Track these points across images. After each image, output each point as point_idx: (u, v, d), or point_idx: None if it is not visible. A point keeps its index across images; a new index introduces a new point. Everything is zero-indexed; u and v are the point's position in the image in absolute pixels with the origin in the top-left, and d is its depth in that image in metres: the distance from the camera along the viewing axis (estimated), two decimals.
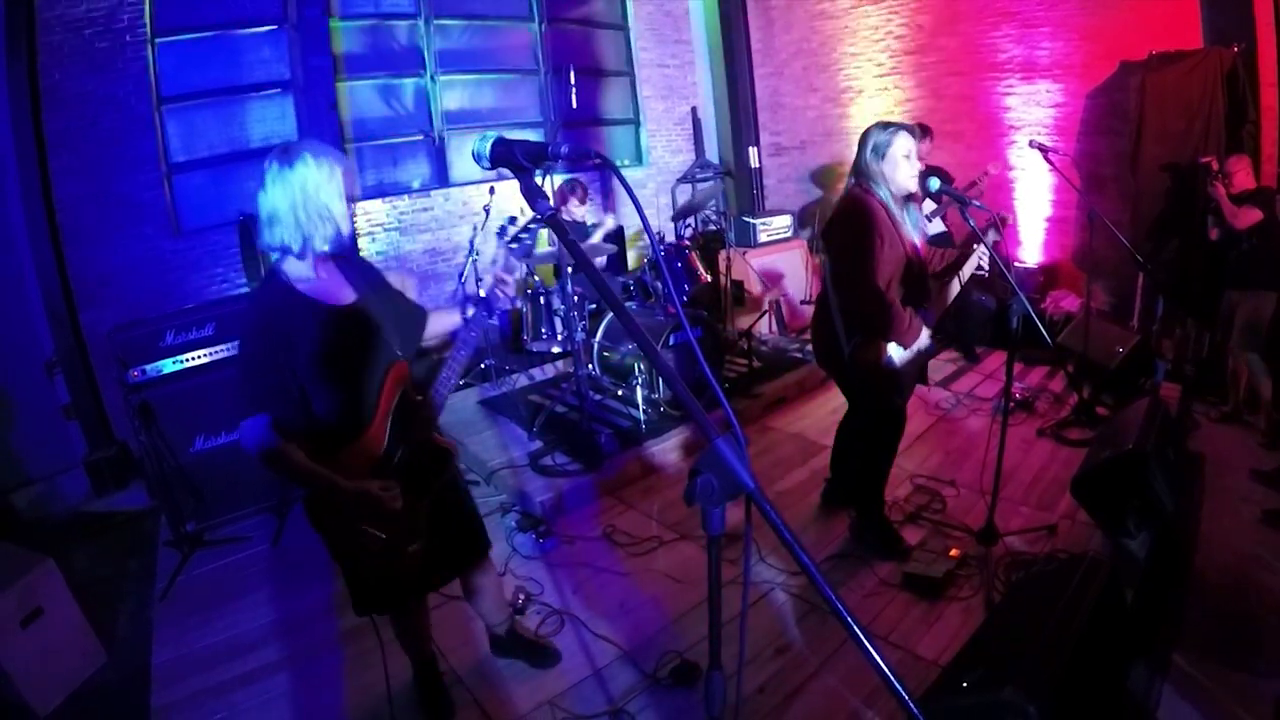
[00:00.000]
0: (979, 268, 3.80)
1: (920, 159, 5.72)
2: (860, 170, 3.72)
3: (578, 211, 7.09)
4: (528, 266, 5.74)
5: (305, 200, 2.39)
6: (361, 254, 7.73)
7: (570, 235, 1.53)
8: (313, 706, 3.45)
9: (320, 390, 2.49)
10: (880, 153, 3.63)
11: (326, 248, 2.49)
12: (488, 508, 5.03)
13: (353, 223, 2.46)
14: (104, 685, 3.77)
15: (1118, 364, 5.65)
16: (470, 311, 2.87)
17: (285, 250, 2.46)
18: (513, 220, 5.57)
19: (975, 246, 3.79)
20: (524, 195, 1.55)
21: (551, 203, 1.55)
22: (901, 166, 3.62)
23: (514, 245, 3.10)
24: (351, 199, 2.52)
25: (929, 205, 6.14)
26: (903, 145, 3.62)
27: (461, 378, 2.86)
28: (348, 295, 2.61)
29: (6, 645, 3.37)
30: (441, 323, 3.01)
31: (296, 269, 2.51)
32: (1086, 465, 4.20)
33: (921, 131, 6.17)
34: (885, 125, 3.68)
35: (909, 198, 3.77)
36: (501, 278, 2.85)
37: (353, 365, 2.55)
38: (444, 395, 2.79)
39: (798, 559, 1.11)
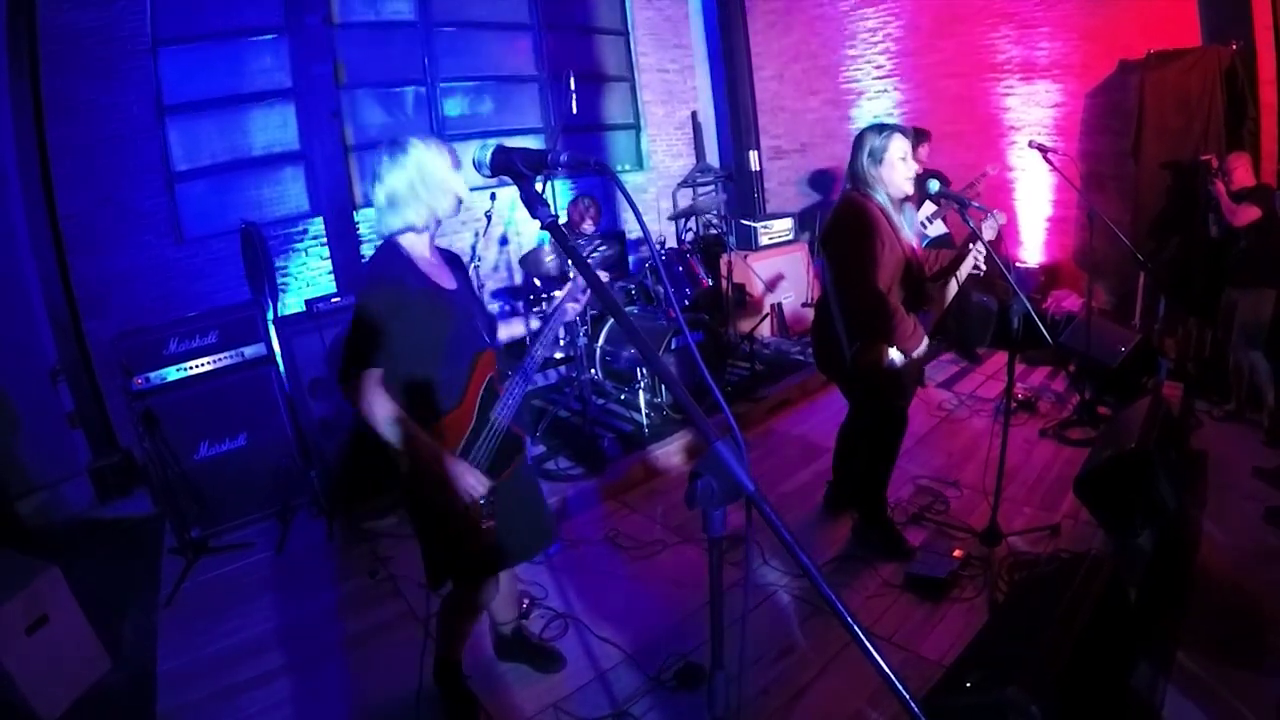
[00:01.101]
0: (975, 267, 3.79)
1: (920, 163, 5.73)
2: (856, 175, 3.72)
3: (589, 231, 7.14)
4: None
5: (424, 177, 2.59)
6: (364, 260, 7.75)
7: (570, 242, 1.54)
8: (317, 713, 3.45)
9: (423, 363, 2.62)
10: (877, 157, 3.64)
11: (439, 218, 2.69)
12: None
13: (353, 231, 2.59)
14: (109, 692, 3.76)
15: (1120, 363, 5.64)
16: (534, 323, 3.06)
17: (409, 229, 2.64)
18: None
19: (970, 246, 3.79)
20: (524, 202, 1.56)
21: (552, 211, 1.56)
22: (898, 169, 3.63)
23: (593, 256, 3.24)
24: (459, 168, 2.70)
25: (928, 208, 6.15)
26: (898, 148, 3.63)
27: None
28: (450, 281, 2.78)
29: (12, 652, 3.37)
30: (505, 333, 3.25)
31: (415, 246, 2.69)
32: (1089, 465, 4.20)
33: (920, 136, 6.18)
34: (880, 129, 3.69)
35: (904, 200, 3.77)
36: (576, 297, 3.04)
37: (453, 344, 2.69)
38: (535, 363, 2.95)
39: (797, 560, 1.11)
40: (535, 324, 3.11)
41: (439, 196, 2.63)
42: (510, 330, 3.26)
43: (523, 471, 3.08)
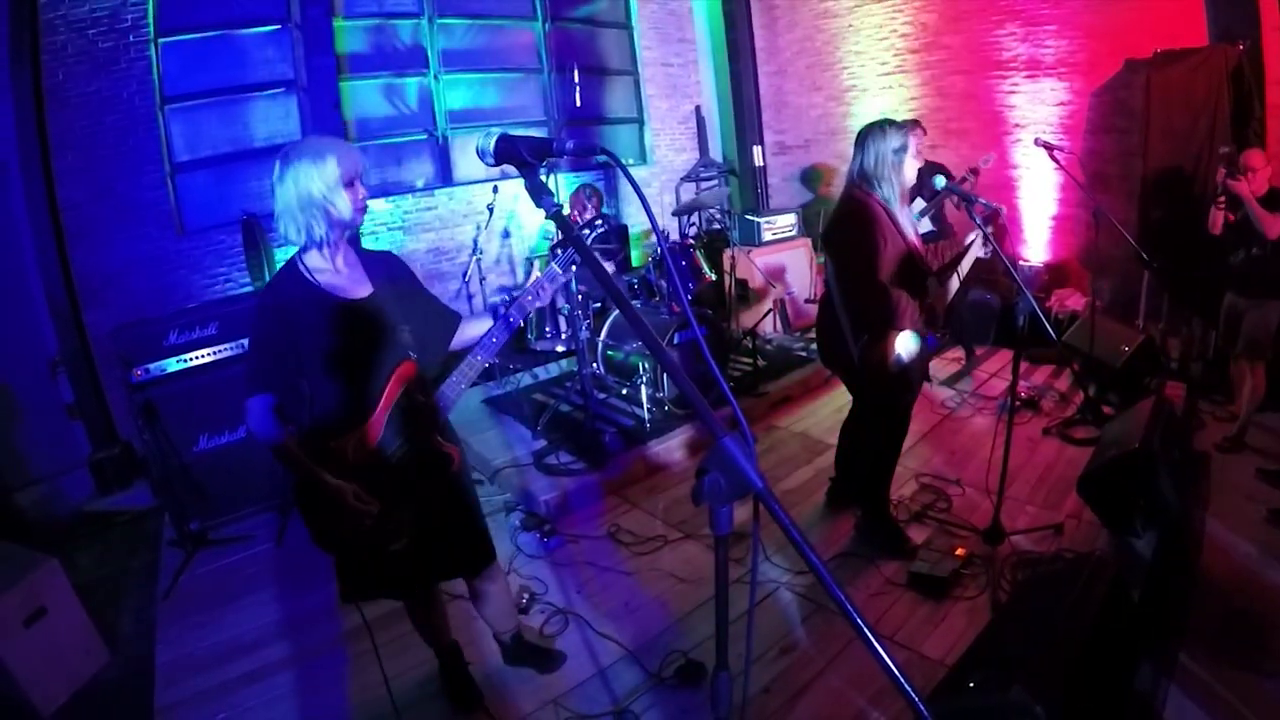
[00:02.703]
0: (984, 246, 3.77)
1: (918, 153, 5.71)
2: (864, 172, 3.70)
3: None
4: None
5: (300, 195, 2.44)
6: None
7: (576, 233, 1.52)
8: (316, 706, 3.45)
9: (319, 379, 2.54)
10: (879, 153, 3.63)
11: (325, 235, 2.52)
12: (492, 507, 5.04)
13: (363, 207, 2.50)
14: (107, 684, 3.76)
15: (1123, 362, 5.63)
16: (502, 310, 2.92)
17: (294, 243, 2.55)
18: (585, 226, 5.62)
19: (969, 239, 3.76)
20: (529, 192, 1.54)
21: (558, 201, 1.54)
22: (909, 166, 3.64)
23: (559, 253, 3.14)
24: (352, 182, 2.53)
25: (918, 204, 6.11)
26: (899, 142, 3.63)
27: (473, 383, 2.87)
28: (362, 290, 2.65)
29: (10, 644, 3.36)
30: (473, 329, 3.02)
31: (314, 261, 2.58)
32: (1092, 464, 4.18)
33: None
34: (881, 124, 3.67)
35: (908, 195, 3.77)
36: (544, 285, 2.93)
37: (354, 359, 2.57)
38: (451, 397, 2.81)
39: (805, 558, 1.10)
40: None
41: (312, 214, 2.47)
42: (479, 327, 3.01)
43: (452, 488, 2.93)
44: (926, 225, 6.16)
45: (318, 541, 2.70)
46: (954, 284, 3.85)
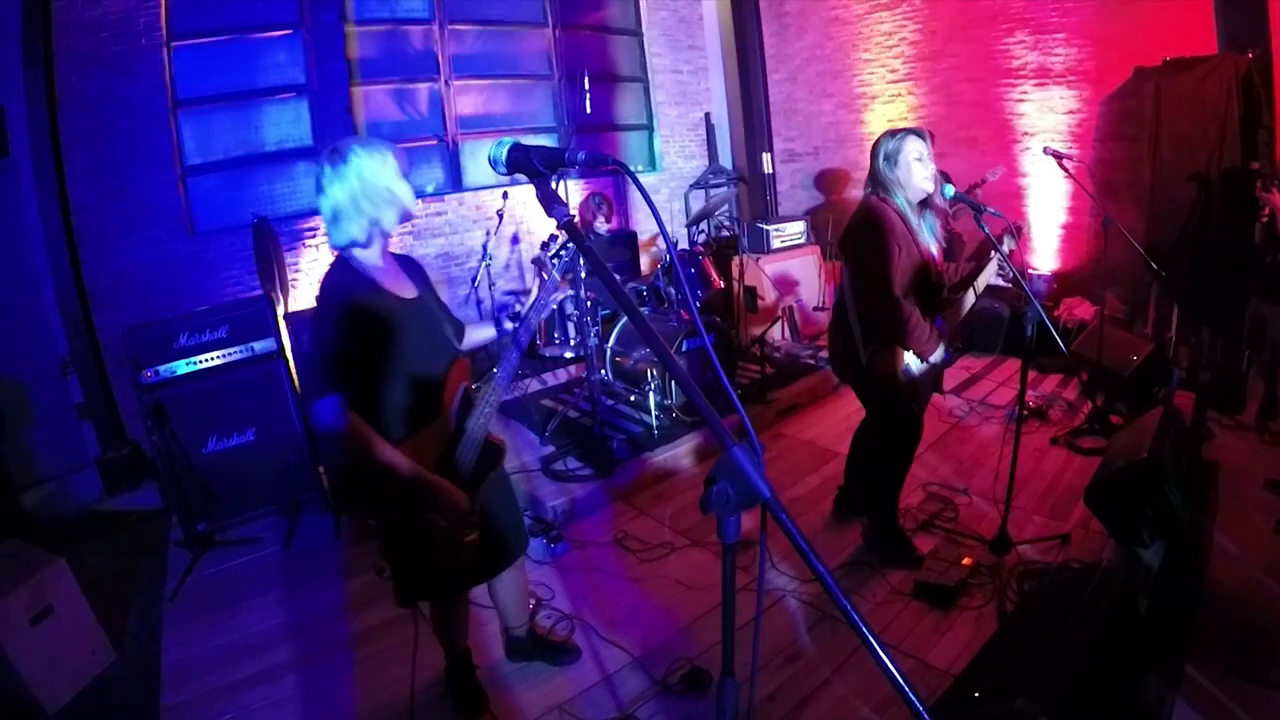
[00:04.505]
0: (1000, 273, 3.78)
1: None
2: (876, 179, 3.71)
3: (603, 229, 7.13)
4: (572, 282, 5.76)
5: (364, 187, 2.46)
6: None
7: (587, 242, 1.53)
8: (323, 708, 3.45)
9: (391, 378, 2.56)
10: (893, 160, 3.63)
11: (388, 228, 2.58)
12: None
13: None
14: (112, 684, 3.78)
15: (1132, 372, 5.61)
16: (508, 325, 3.01)
17: (354, 244, 2.54)
18: (553, 238, 5.61)
19: (992, 256, 3.77)
20: (540, 201, 1.55)
21: (570, 210, 1.55)
22: (915, 170, 3.62)
23: (555, 261, 3.15)
24: (404, 175, 2.58)
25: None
26: (913, 149, 3.61)
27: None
28: (410, 289, 2.70)
29: (16, 643, 3.38)
30: (476, 336, 3.14)
31: (367, 258, 2.58)
32: (1100, 474, 4.16)
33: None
34: (894, 132, 3.68)
35: (924, 204, 3.76)
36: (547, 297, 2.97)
37: (421, 355, 2.62)
38: (477, 437, 2.83)
39: (812, 568, 1.10)
40: (509, 325, 3.03)
41: (383, 208, 2.51)
42: (481, 334, 3.16)
43: (501, 479, 3.05)
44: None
45: (393, 543, 2.76)
46: (969, 298, 3.85)
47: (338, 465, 5.22)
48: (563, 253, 3.56)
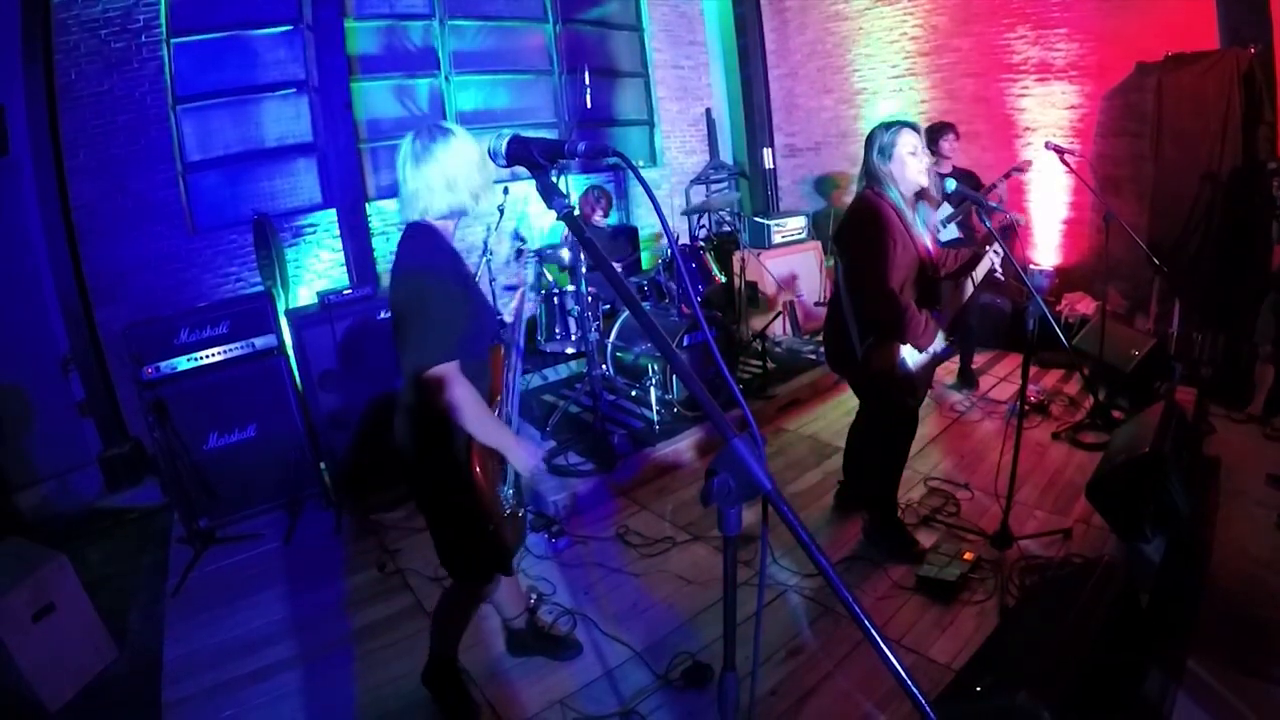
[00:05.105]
0: (992, 270, 3.78)
1: (945, 157, 5.65)
2: (870, 172, 3.71)
3: (601, 224, 7.13)
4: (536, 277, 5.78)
5: (477, 165, 2.55)
6: (375, 254, 7.76)
7: (588, 234, 1.52)
8: (324, 704, 3.45)
9: (476, 351, 2.62)
10: (886, 153, 3.62)
11: (475, 213, 2.69)
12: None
13: (364, 224, 2.59)
14: (115, 680, 3.78)
15: (1134, 367, 5.61)
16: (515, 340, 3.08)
17: (457, 213, 2.62)
18: (519, 237, 5.61)
19: (988, 248, 3.77)
20: (540, 193, 1.54)
21: (570, 203, 1.55)
22: (909, 164, 3.61)
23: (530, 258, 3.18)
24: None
25: (945, 209, 6.09)
26: (907, 143, 3.61)
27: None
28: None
29: (18, 639, 3.38)
30: None
31: (444, 232, 2.65)
32: (1102, 469, 4.17)
33: (943, 130, 6.11)
34: (888, 125, 3.67)
35: (919, 197, 3.75)
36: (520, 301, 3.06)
37: (484, 334, 2.70)
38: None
39: (814, 560, 1.10)
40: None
41: (486, 189, 2.63)
42: None
43: None
44: (954, 232, 6.13)
45: (454, 526, 2.78)
46: (967, 289, 3.85)
47: (339, 459, 5.23)
48: (532, 257, 3.59)
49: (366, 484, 5.25)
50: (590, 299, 5.42)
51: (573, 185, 8.76)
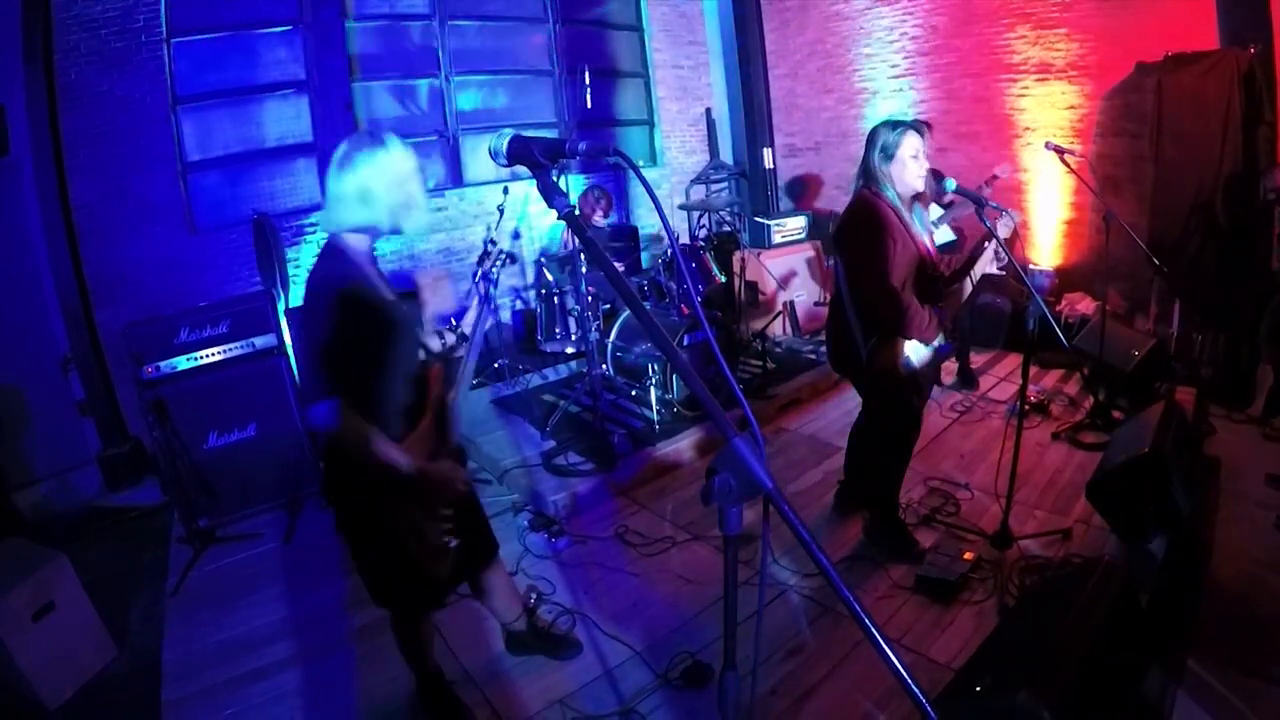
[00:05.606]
0: (994, 262, 3.78)
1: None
2: (868, 171, 3.70)
3: (601, 224, 7.13)
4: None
5: (399, 182, 2.43)
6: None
7: (588, 233, 1.52)
8: (324, 704, 3.45)
9: (386, 374, 2.51)
10: (889, 154, 3.62)
11: (396, 232, 2.54)
12: (500, 506, 5.06)
13: None
14: (114, 680, 3.78)
15: (1134, 367, 5.61)
16: (449, 338, 2.97)
17: (370, 229, 2.48)
18: (492, 242, 5.60)
19: (986, 245, 3.77)
20: (541, 193, 1.54)
21: (571, 202, 1.55)
22: (909, 166, 3.61)
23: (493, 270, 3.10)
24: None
25: (935, 210, 6.07)
26: (910, 145, 3.61)
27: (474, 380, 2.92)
28: (389, 290, 2.62)
29: (18, 638, 3.38)
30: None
31: (360, 247, 2.53)
32: (1102, 469, 4.17)
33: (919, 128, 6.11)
34: (894, 125, 3.67)
35: (916, 198, 3.75)
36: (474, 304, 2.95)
37: (408, 355, 2.58)
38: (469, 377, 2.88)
39: (815, 560, 1.10)
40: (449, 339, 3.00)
41: (408, 208, 2.49)
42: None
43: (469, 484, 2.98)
44: (947, 233, 6.11)
45: (371, 551, 2.70)
46: (967, 287, 3.85)
47: (327, 469, 5.22)
48: (494, 269, 3.46)
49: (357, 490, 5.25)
50: (590, 298, 5.42)
51: (573, 185, 8.77)
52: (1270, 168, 5.62)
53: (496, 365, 7.14)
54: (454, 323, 2.97)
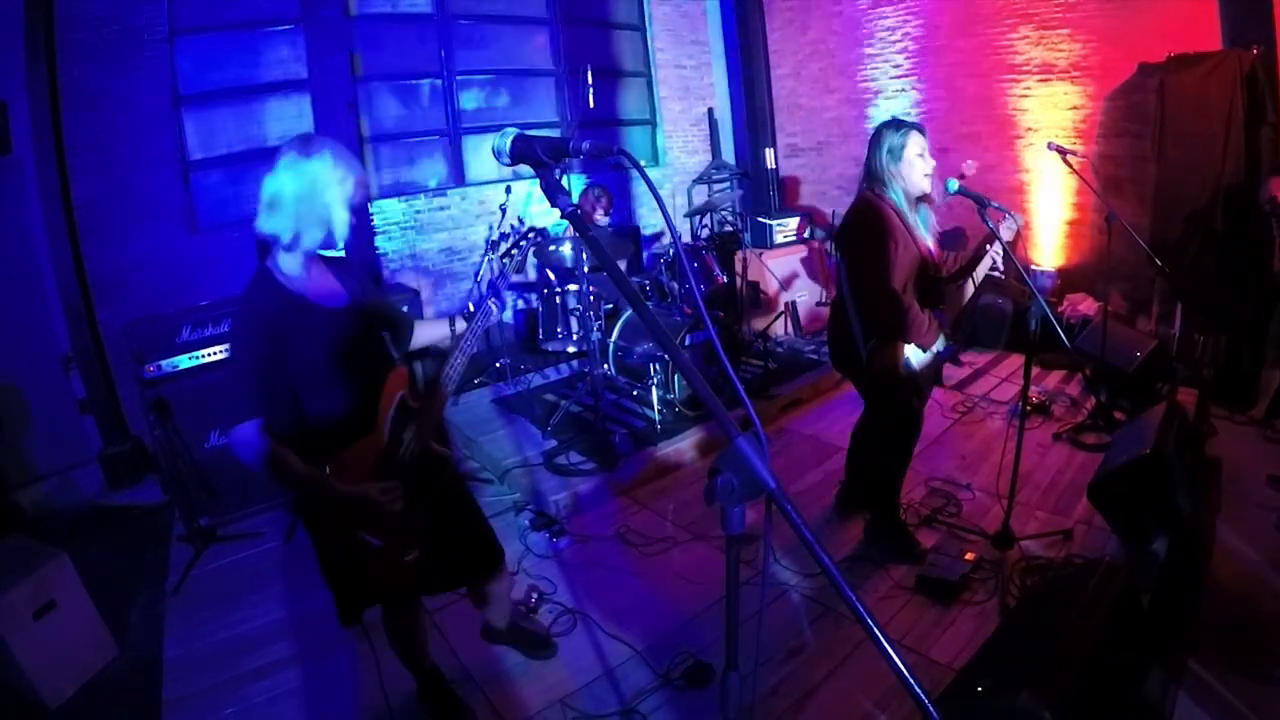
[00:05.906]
0: (993, 268, 3.77)
1: None
2: (872, 172, 3.70)
3: (602, 223, 7.12)
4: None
5: (311, 195, 2.34)
6: (378, 252, 7.77)
7: (591, 232, 1.52)
8: (323, 703, 3.46)
9: (316, 393, 2.44)
10: (896, 154, 3.62)
11: (313, 249, 2.46)
12: (501, 506, 5.06)
13: (367, 224, 2.42)
14: (115, 678, 3.78)
15: (1135, 368, 5.60)
16: (460, 325, 2.92)
17: (274, 240, 2.40)
18: (504, 236, 5.55)
19: (988, 247, 3.77)
20: (544, 192, 1.53)
21: (574, 201, 1.54)
22: (916, 166, 3.61)
23: (505, 260, 3.07)
24: (355, 210, 2.47)
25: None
26: (916, 145, 3.61)
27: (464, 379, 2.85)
28: (339, 298, 2.57)
29: (19, 637, 3.38)
30: (427, 333, 3.01)
31: (288, 266, 2.46)
32: (1103, 470, 4.16)
33: None
34: (898, 126, 3.66)
35: (921, 199, 3.75)
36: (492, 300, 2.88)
37: (348, 368, 2.48)
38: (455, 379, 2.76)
39: (818, 560, 1.09)
40: (461, 324, 2.93)
41: (312, 223, 2.38)
42: (432, 331, 3.03)
43: (455, 494, 2.95)
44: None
45: (326, 561, 2.62)
46: (968, 289, 3.84)
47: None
48: (514, 251, 3.41)
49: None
50: (592, 298, 5.42)
51: (575, 185, 8.77)
52: (1271, 178, 5.61)
53: (498, 364, 7.14)
54: (471, 308, 2.93)
